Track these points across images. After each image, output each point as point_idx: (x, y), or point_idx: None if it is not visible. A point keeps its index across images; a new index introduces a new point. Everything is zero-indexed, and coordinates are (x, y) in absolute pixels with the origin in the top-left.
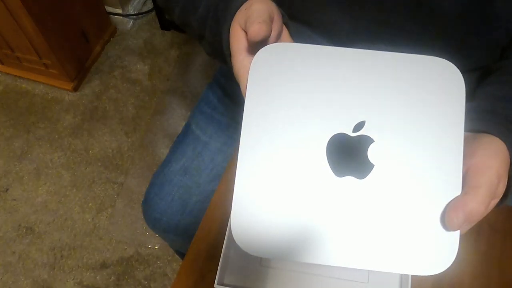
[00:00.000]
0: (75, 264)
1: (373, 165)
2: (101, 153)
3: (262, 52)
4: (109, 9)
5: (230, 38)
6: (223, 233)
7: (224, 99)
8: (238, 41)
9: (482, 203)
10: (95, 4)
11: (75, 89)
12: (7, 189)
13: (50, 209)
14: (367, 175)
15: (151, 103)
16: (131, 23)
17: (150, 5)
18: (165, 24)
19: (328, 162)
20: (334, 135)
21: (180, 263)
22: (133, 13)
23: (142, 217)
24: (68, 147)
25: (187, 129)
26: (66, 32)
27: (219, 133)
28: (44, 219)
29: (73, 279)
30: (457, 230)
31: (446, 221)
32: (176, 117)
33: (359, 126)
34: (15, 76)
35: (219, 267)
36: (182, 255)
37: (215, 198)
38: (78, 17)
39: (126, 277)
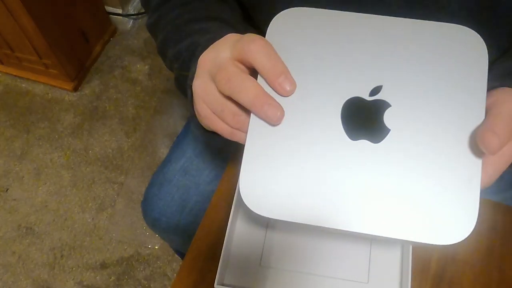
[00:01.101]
0: (75, 264)
1: (389, 130)
2: (101, 153)
3: (280, 15)
4: (109, 9)
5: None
6: (223, 233)
7: None
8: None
9: (507, 126)
10: (95, 4)
11: (75, 89)
12: (7, 189)
13: (50, 209)
14: (383, 139)
15: (151, 103)
16: (131, 23)
17: None
18: None
19: (343, 124)
20: (350, 98)
21: (180, 263)
22: (133, 13)
23: (142, 217)
24: (68, 147)
25: (187, 129)
26: (66, 32)
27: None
28: (44, 219)
29: (73, 279)
30: (495, 152)
31: (481, 143)
32: (176, 117)
33: (376, 90)
34: (15, 76)
35: (219, 267)
36: (182, 255)
37: (215, 198)
38: (78, 17)
39: (126, 277)
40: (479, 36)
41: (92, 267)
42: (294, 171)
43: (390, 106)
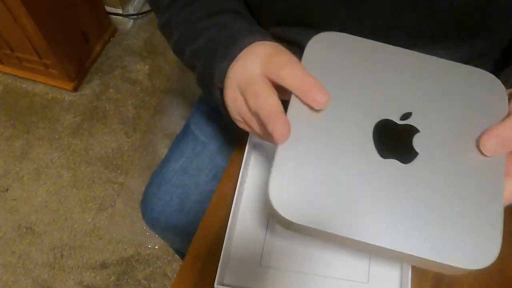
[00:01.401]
0: (75, 264)
1: (418, 153)
2: (101, 153)
3: (315, 39)
4: (109, 9)
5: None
6: (223, 233)
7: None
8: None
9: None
10: (95, 4)
11: (75, 89)
12: (7, 189)
13: (50, 209)
14: (412, 160)
15: (151, 103)
16: (131, 23)
17: None
18: None
19: (374, 142)
20: (382, 119)
21: (180, 263)
22: (133, 13)
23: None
24: (68, 147)
25: (186, 129)
26: (66, 32)
27: (219, 134)
28: (44, 219)
29: (73, 279)
30: (493, 154)
31: (480, 146)
32: (176, 117)
33: (406, 116)
34: (15, 76)
35: (219, 267)
36: (182, 255)
37: (215, 198)
38: (78, 17)
39: (126, 277)
40: (500, 82)
41: (92, 267)
42: (324, 181)
43: (419, 131)
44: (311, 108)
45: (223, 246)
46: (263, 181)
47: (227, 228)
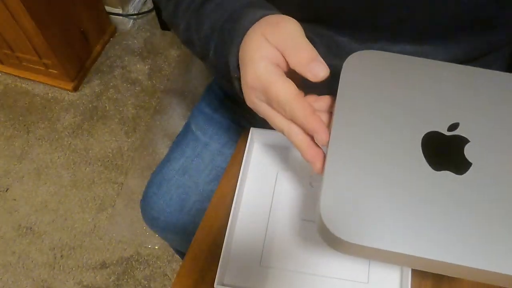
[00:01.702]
0: (75, 264)
1: (471, 163)
2: (101, 153)
3: (353, 57)
4: (109, 9)
5: (247, 47)
6: (223, 233)
7: (225, 100)
8: (260, 50)
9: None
10: (95, 4)
11: (75, 89)
12: (7, 189)
13: (50, 209)
14: (466, 171)
15: (151, 103)
16: (131, 23)
17: (150, 5)
18: (165, 24)
19: (424, 155)
20: (429, 132)
21: (180, 263)
22: (133, 13)
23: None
24: (68, 147)
25: (187, 129)
26: (66, 32)
27: (219, 135)
28: (44, 219)
29: (73, 279)
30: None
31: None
32: (176, 117)
33: (454, 126)
34: (15, 76)
35: (219, 267)
36: (182, 255)
37: (215, 198)
38: (78, 17)
39: (126, 277)
40: None
41: (92, 267)
42: (378, 197)
43: (469, 141)
44: (358, 123)
45: (223, 246)
46: (263, 182)
47: (227, 228)
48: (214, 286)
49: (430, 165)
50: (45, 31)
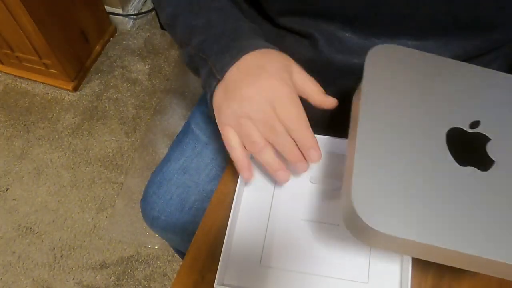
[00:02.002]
0: (75, 264)
1: (494, 161)
2: (101, 153)
3: (372, 52)
4: (109, 9)
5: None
6: (223, 233)
7: None
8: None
9: None
10: (95, 4)
11: (75, 89)
12: (7, 189)
13: (50, 209)
14: (490, 168)
15: (151, 103)
16: (131, 23)
17: (150, 5)
18: None
19: (449, 151)
20: (452, 128)
21: (180, 263)
22: (133, 13)
23: (142, 216)
24: (68, 147)
25: (187, 128)
26: (66, 32)
27: (219, 134)
28: (44, 219)
29: (73, 279)
30: None
31: None
32: (176, 117)
33: (475, 124)
34: (15, 76)
35: (219, 267)
36: (182, 254)
37: (215, 198)
38: (78, 17)
39: (126, 277)
40: None
41: (92, 267)
42: (408, 190)
43: (490, 139)
44: (384, 117)
45: (223, 246)
46: (263, 181)
47: (227, 228)
48: (214, 286)
49: (456, 160)
50: (45, 31)
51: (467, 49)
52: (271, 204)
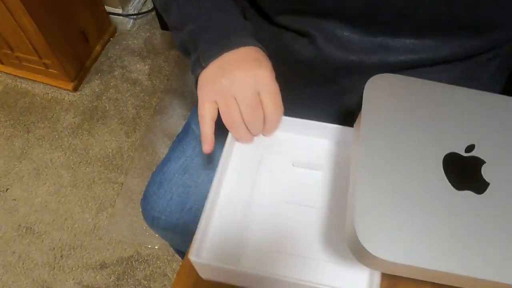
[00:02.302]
0: (75, 264)
1: (489, 183)
2: (101, 153)
3: (371, 82)
4: (109, 9)
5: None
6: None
7: None
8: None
9: None
10: (95, 4)
11: (75, 89)
12: (7, 189)
13: (50, 209)
14: (485, 191)
15: (151, 103)
16: (131, 23)
17: (150, 5)
18: (165, 24)
19: (446, 176)
20: (449, 153)
21: (180, 263)
22: (133, 13)
23: (142, 216)
24: (68, 147)
25: (187, 128)
26: (66, 32)
27: (220, 134)
28: (44, 219)
29: (73, 279)
30: None
31: None
32: (176, 117)
33: (470, 148)
34: (15, 76)
35: (194, 240)
36: (182, 254)
37: None
38: (78, 17)
39: (126, 277)
40: None
41: (92, 267)
42: (409, 216)
43: (485, 162)
44: (383, 145)
45: (201, 219)
46: (247, 163)
47: (207, 202)
48: (188, 257)
49: (452, 185)
50: (45, 31)
51: (466, 49)
52: (253, 184)
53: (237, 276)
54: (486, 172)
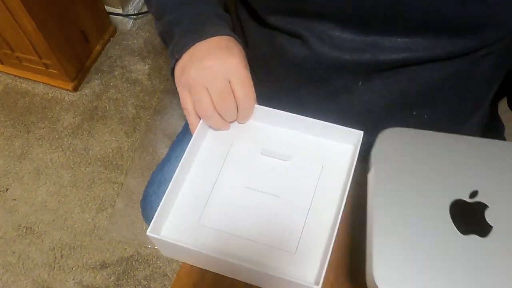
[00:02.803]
0: (75, 264)
1: (492, 227)
2: (101, 153)
3: (382, 136)
4: (109, 9)
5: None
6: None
7: None
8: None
9: None
10: (95, 4)
11: (75, 89)
12: (7, 189)
13: (50, 209)
14: (488, 234)
15: (151, 103)
16: (131, 23)
17: None
18: None
19: (453, 222)
20: (454, 200)
21: (180, 263)
22: (133, 13)
23: (142, 216)
24: (68, 147)
25: (187, 128)
26: (66, 32)
27: None
28: (44, 219)
29: (73, 279)
30: None
31: None
32: (176, 117)
33: (474, 194)
34: (15, 76)
35: (155, 216)
36: None
37: None
38: (78, 17)
39: (126, 277)
40: None
41: (92, 267)
42: (423, 263)
43: (488, 206)
44: (395, 198)
45: (164, 196)
46: (217, 146)
47: (172, 180)
48: (146, 234)
49: (458, 230)
50: (45, 31)
51: (459, 47)
52: (221, 168)
53: (192, 255)
54: (489, 216)
